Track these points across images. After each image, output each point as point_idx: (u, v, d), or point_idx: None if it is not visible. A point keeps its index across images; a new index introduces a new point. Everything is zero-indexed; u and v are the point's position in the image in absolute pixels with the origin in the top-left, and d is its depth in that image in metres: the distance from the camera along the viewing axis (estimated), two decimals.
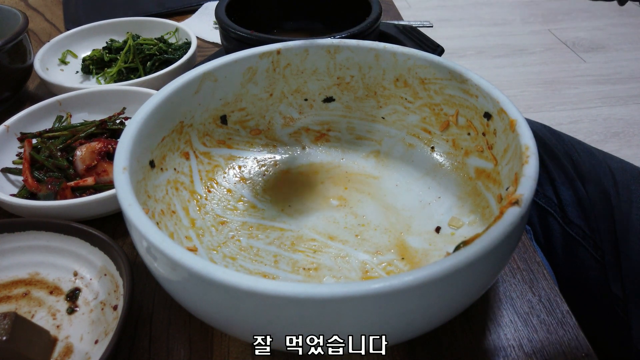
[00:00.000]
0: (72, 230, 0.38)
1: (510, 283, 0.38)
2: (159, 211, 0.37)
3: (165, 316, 0.37)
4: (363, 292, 0.23)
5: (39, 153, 0.47)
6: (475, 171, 0.41)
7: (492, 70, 1.87)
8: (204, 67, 0.41)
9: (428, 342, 0.34)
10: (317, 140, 0.48)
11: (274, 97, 0.46)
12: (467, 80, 0.39)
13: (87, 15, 0.83)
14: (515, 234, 0.27)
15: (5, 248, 0.39)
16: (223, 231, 0.40)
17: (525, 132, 0.33)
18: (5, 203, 0.42)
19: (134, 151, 0.34)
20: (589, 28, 2.12)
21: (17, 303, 0.37)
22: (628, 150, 1.48)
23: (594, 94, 1.72)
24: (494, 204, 0.37)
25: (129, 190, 0.30)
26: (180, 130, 0.41)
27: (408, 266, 0.37)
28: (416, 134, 0.45)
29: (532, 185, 0.29)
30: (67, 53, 0.68)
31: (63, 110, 0.54)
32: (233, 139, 0.46)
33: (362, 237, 0.39)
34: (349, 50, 0.44)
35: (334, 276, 0.36)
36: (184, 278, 0.26)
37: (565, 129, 0.85)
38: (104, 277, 0.37)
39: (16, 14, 0.60)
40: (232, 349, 0.34)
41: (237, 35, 0.51)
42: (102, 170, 0.46)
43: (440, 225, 0.40)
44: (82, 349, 0.34)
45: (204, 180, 0.43)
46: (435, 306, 0.27)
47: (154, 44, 0.66)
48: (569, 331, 0.35)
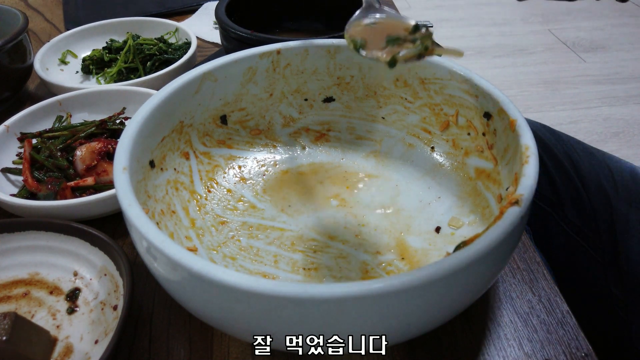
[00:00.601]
0: (72, 230, 0.38)
1: (510, 283, 0.38)
2: (159, 211, 0.37)
3: (165, 316, 0.37)
4: (363, 292, 0.23)
5: (39, 153, 0.47)
6: (475, 171, 0.41)
7: (492, 70, 1.87)
8: (204, 67, 0.41)
9: (428, 342, 0.34)
10: (317, 140, 0.48)
11: (274, 97, 0.46)
12: (467, 80, 0.39)
13: (87, 15, 0.83)
14: (515, 234, 0.27)
15: (5, 248, 0.39)
16: (223, 231, 0.40)
17: (525, 132, 0.33)
18: (5, 203, 0.42)
19: (134, 151, 0.34)
20: (589, 28, 2.12)
21: (17, 303, 0.37)
22: (628, 150, 1.48)
23: (593, 94, 1.72)
24: (494, 204, 0.37)
25: (129, 190, 0.30)
26: (180, 130, 0.41)
27: (408, 266, 0.37)
28: (416, 134, 0.45)
29: (532, 185, 0.29)
30: (67, 53, 0.68)
31: (63, 110, 0.54)
32: (233, 139, 0.46)
33: (362, 237, 0.39)
34: (349, 50, 0.44)
35: (334, 276, 0.36)
36: (184, 278, 0.26)
37: (565, 129, 0.85)
38: (104, 277, 0.37)
39: (16, 14, 0.60)
40: (232, 349, 0.34)
41: (237, 35, 0.51)
42: (102, 170, 0.46)
43: (440, 225, 0.40)
44: (82, 349, 0.34)
45: (204, 180, 0.43)
46: (435, 306, 0.27)
47: (154, 44, 0.66)
48: (569, 331, 0.35)
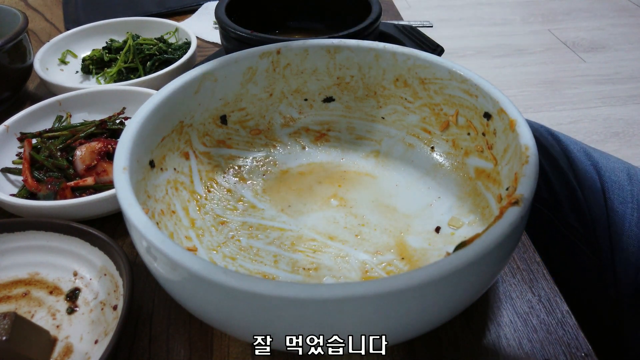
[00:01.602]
0: (72, 230, 0.38)
1: (510, 283, 0.38)
2: (158, 211, 0.37)
3: (165, 316, 0.37)
4: (363, 292, 0.23)
5: (38, 153, 0.47)
6: (475, 171, 0.41)
7: (492, 70, 1.87)
8: (203, 67, 0.41)
9: (428, 342, 0.34)
10: (317, 140, 0.48)
11: (273, 97, 0.46)
12: (467, 80, 0.39)
13: (87, 15, 0.83)
14: (515, 234, 0.27)
15: (5, 248, 0.39)
16: (223, 231, 0.40)
17: (525, 132, 0.33)
18: (5, 203, 0.42)
19: (133, 151, 0.34)
20: (589, 28, 2.12)
21: (17, 303, 0.37)
22: (628, 150, 1.48)
23: (593, 94, 1.72)
24: (494, 204, 0.37)
25: (129, 190, 0.30)
26: (180, 130, 0.41)
27: (408, 266, 0.37)
28: (416, 134, 0.45)
29: (532, 185, 0.29)
30: (67, 53, 0.68)
31: (63, 110, 0.54)
32: (233, 139, 0.46)
33: (362, 237, 0.39)
34: (348, 50, 0.44)
35: (334, 276, 0.36)
36: (184, 278, 0.26)
37: (564, 129, 0.85)
38: (104, 277, 0.37)
39: (16, 14, 0.60)
40: (232, 349, 0.34)
41: (237, 35, 0.51)
42: (102, 170, 0.46)
43: (440, 225, 0.40)
44: (82, 349, 0.34)
45: (203, 180, 0.43)
46: (435, 306, 0.27)
47: (154, 44, 0.66)
48: (568, 331, 0.35)
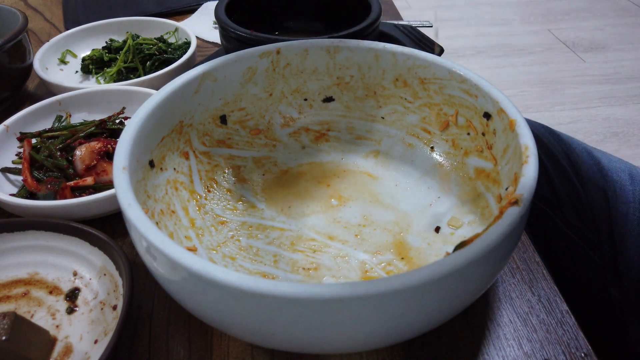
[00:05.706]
0: (72, 230, 0.38)
1: (510, 283, 0.38)
2: (158, 211, 0.37)
3: (165, 316, 0.37)
4: (363, 292, 0.23)
5: (38, 153, 0.47)
6: (474, 171, 0.41)
7: (492, 70, 1.87)
8: (203, 67, 0.41)
9: (428, 342, 0.34)
10: (316, 140, 0.48)
11: (273, 97, 0.46)
12: (466, 80, 0.39)
13: (86, 15, 0.83)
14: (514, 234, 0.27)
15: (5, 248, 0.39)
16: (223, 231, 0.40)
17: (525, 132, 0.33)
18: (4, 203, 0.42)
19: (133, 151, 0.34)
20: (588, 28, 2.12)
21: (17, 303, 0.37)
22: (627, 150, 1.48)
23: (593, 94, 1.72)
24: (494, 204, 0.37)
25: (129, 190, 0.30)
26: (179, 130, 0.41)
27: (407, 266, 0.37)
28: (416, 134, 0.45)
29: (532, 185, 0.29)
30: (66, 53, 0.68)
31: (63, 110, 0.54)
32: (233, 138, 0.46)
33: (362, 237, 0.39)
34: (348, 50, 0.44)
35: (334, 276, 0.36)
36: (184, 278, 0.26)
37: (564, 129, 0.85)
38: (104, 277, 0.37)
39: (16, 14, 0.60)
40: (232, 349, 0.34)
41: (236, 35, 0.51)
42: (101, 170, 0.46)
43: (439, 225, 0.40)
44: (81, 349, 0.34)
45: (203, 180, 0.43)
46: (435, 306, 0.27)
47: (154, 44, 0.66)
48: (568, 331, 0.35)
